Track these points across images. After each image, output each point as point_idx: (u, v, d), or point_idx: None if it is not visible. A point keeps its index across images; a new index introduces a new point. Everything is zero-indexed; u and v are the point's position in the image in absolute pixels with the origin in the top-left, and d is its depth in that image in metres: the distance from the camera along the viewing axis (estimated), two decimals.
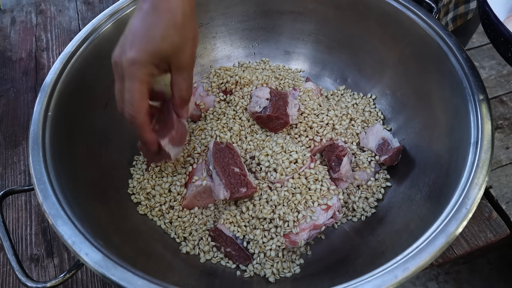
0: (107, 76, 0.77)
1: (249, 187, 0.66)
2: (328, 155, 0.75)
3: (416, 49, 0.75)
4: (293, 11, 0.88)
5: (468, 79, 0.64)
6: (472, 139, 0.58)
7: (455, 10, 0.90)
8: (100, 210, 0.64)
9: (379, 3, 0.77)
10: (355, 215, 0.73)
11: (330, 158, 0.74)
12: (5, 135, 0.94)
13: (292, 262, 0.68)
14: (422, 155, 0.72)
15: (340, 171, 0.71)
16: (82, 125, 0.70)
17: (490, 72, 1.47)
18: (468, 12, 0.91)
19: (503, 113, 1.33)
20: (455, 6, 0.89)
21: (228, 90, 0.83)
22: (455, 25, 0.93)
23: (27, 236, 0.79)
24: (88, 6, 1.20)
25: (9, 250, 0.54)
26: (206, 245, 0.70)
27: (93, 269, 0.49)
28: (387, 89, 0.84)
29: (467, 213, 0.51)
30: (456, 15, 0.91)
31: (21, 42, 1.12)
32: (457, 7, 0.89)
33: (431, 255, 0.48)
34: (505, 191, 1.07)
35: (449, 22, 0.92)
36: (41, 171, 0.57)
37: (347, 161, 0.73)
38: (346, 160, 0.72)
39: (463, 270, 1.49)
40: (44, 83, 0.66)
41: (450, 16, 0.91)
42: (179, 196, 0.74)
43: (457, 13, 0.91)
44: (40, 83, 0.72)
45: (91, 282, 0.74)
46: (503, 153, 1.20)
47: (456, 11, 0.90)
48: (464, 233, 0.78)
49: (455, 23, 0.92)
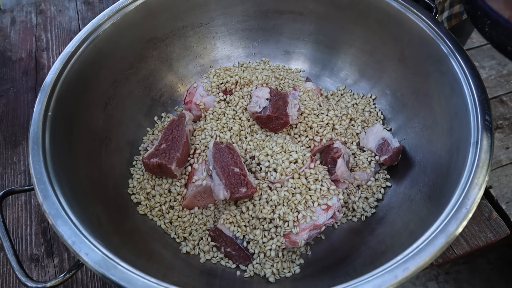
0: (107, 76, 0.77)
1: (249, 187, 0.66)
2: (325, 158, 0.76)
3: (416, 49, 0.75)
4: (293, 11, 0.88)
5: (468, 79, 0.64)
6: (472, 139, 0.58)
7: (450, 9, 0.89)
8: (100, 210, 0.64)
9: (379, 3, 0.77)
10: (355, 215, 0.73)
11: (326, 160, 0.74)
12: (5, 135, 0.94)
13: (292, 262, 0.68)
14: (422, 155, 0.72)
15: (336, 172, 0.71)
16: (82, 125, 0.70)
17: (490, 72, 1.47)
18: (463, 12, 0.90)
19: (503, 113, 1.33)
20: (451, 4, 0.88)
21: (228, 90, 0.83)
22: (450, 24, 0.92)
23: (27, 236, 0.79)
24: (88, 6, 1.20)
25: (9, 250, 0.54)
26: (206, 245, 0.70)
27: (93, 269, 0.49)
28: (387, 89, 0.84)
29: (467, 213, 0.51)
30: (451, 14, 0.90)
31: (21, 42, 1.12)
32: (453, 6, 0.89)
33: (431, 255, 0.48)
34: (505, 191, 1.07)
35: (444, 21, 0.92)
36: (41, 171, 0.56)
37: (342, 163, 0.72)
38: (340, 161, 0.72)
39: (463, 270, 1.48)
40: (44, 83, 0.66)
41: (445, 15, 0.90)
42: (179, 196, 0.74)
43: (452, 12, 0.90)
44: (40, 83, 0.72)
45: (91, 282, 0.74)
46: (503, 153, 1.20)
47: (451, 10, 0.89)
48: (464, 233, 0.78)
49: (449, 23, 0.92)
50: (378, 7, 0.78)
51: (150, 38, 0.83)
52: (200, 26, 0.89)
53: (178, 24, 0.86)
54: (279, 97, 0.77)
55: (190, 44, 0.90)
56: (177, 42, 0.88)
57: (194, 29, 0.88)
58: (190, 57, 0.90)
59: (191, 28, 0.88)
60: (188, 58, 0.90)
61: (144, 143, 0.82)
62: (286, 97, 0.77)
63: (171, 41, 0.87)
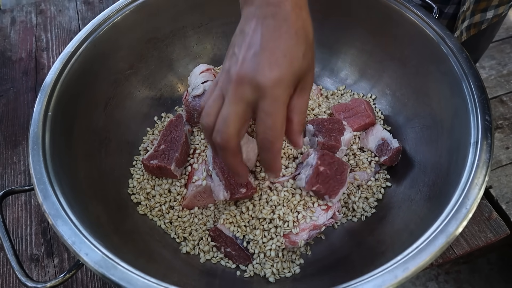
0: (107, 76, 0.77)
1: (249, 188, 0.66)
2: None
3: (416, 49, 0.75)
4: None
5: (468, 79, 0.64)
6: (472, 139, 0.58)
7: (470, 18, 0.88)
8: (100, 210, 0.64)
9: (380, 4, 0.77)
10: (355, 215, 0.73)
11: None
12: (5, 135, 0.94)
13: (292, 262, 0.68)
14: (422, 155, 0.72)
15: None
16: (82, 125, 0.70)
17: (490, 72, 1.47)
18: (483, 21, 0.89)
19: (503, 113, 1.33)
20: (472, 13, 0.87)
21: None
22: (469, 34, 0.91)
23: (27, 236, 0.79)
24: (88, 6, 1.20)
25: (9, 250, 0.54)
26: (206, 245, 0.70)
27: (93, 269, 0.49)
28: (387, 89, 0.84)
29: (467, 213, 0.51)
30: (471, 23, 0.89)
31: (21, 42, 1.12)
32: (473, 15, 0.87)
33: (431, 255, 0.48)
34: (505, 191, 1.07)
35: (463, 31, 0.91)
36: (41, 171, 0.57)
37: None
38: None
39: (463, 270, 1.49)
40: (44, 83, 0.66)
41: (465, 24, 0.89)
42: (179, 196, 0.74)
43: (472, 21, 0.89)
44: (40, 83, 0.72)
45: (91, 282, 0.74)
46: (503, 153, 1.20)
47: (471, 19, 0.88)
48: (464, 233, 0.78)
49: (468, 32, 0.91)
50: (378, 7, 0.78)
51: (150, 38, 0.83)
52: (200, 26, 0.89)
53: (178, 24, 0.86)
54: None
55: (190, 44, 0.90)
56: (177, 42, 0.88)
57: (194, 29, 0.88)
58: (190, 57, 0.90)
59: (191, 28, 0.88)
60: (188, 58, 0.90)
61: (144, 143, 0.82)
62: None
63: (171, 41, 0.87)
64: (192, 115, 0.76)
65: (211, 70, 0.81)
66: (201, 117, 0.53)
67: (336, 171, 0.65)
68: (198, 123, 0.76)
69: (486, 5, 0.87)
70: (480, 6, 0.86)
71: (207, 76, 0.79)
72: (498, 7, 0.88)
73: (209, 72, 0.81)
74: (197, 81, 0.79)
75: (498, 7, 0.88)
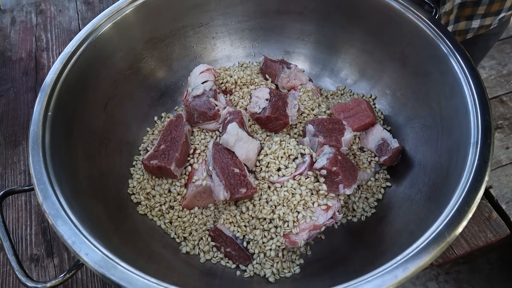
0: (107, 76, 0.77)
1: (249, 188, 0.66)
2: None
3: (416, 49, 0.75)
4: (293, 11, 0.88)
5: (467, 79, 0.64)
6: (472, 139, 0.58)
7: (455, 24, 0.85)
8: (100, 210, 0.64)
9: (380, 4, 0.77)
10: (355, 215, 0.73)
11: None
12: (5, 135, 0.94)
13: (292, 262, 0.68)
14: (422, 155, 0.72)
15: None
16: (82, 125, 0.70)
17: (490, 72, 1.47)
18: (469, 30, 0.87)
19: (503, 113, 1.33)
20: (456, 19, 0.85)
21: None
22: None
23: (27, 236, 0.79)
24: (88, 6, 1.20)
25: (9, 250, 0.54)
26: (206, 245, 0.70)
27: (93, 269, 0.49)
28: (387, 89, 0.84)
29: (467, 213, 0.51)
30: (456, 30, 0.88)
31: (21, 42, 1.12)
32: (458, 22, 0.86)
33: (431, 255, 0.48)
34: (505, 191, 1.07)
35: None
36: (41, 171, 0.57)
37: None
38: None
39: (463, 270, 1.48)
40: (44, 83, 0.66)
41: (449, 29, 0.87)
42: (179, 196, 0.74)
43: (457, 28, 0.87)
44: (40, 83, 0.72)
45: (91, 282, 0.74)
46: (503, 153, 1.20)
47: (456, 26, 0.86)
48: (464, 233, 0.78)
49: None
50: (378, 7, 0.78)
51: (150, 38, 0.83)
52: (200, 26, 0.89)
53: (178, 24, 0.86)
54: (278, 97, 0.77)
55: (190, 44, 0.90)
56: (177, 42, 0.88)
57: (194, 29, 0.88)
58: (190, 57, 0.90)
59: (191, 28, 0.88)
60: (188, 58, 0.90)
61: (144, 143, 0.82)
62: (285, 98, 0.77)
63: (171, 41, 0.87)
64: (192, 115, 0.76)
65: (211, 70, 0.81)
66: None
67: (350, 166, 0.68)
68: (198, 123, 0.76)
69: (471, 12, 0.84)
70: (465, 12, 0.84)
71: (207, 76, 0.80)
72: (485, 18, 0.86)
73: (209, 72, 0.81)
74: (197, 81, 0.79)
75: (485, 18, 0.86)
